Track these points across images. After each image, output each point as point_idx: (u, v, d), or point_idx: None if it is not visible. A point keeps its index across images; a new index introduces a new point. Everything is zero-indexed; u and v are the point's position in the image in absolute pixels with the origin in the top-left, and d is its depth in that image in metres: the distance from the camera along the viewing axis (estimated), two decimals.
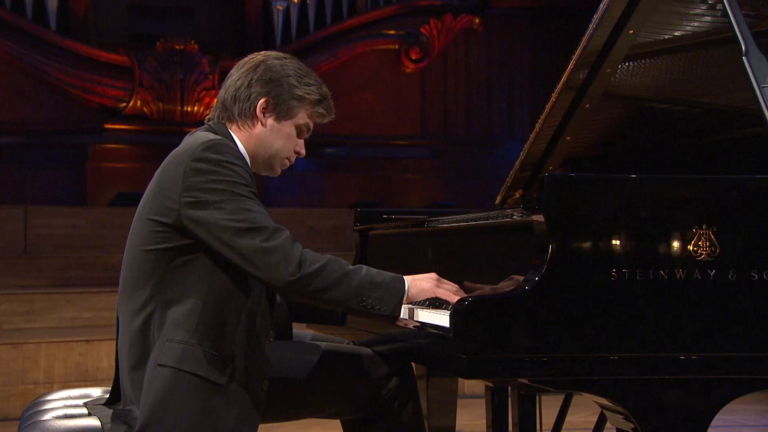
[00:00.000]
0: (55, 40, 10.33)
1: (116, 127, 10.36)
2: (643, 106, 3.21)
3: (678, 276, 2.00)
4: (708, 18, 2.82)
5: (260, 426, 2.28)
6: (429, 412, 3.04)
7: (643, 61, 3.09)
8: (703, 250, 2.01)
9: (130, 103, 10.37)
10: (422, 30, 11.24)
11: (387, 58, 11.29)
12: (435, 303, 2.35)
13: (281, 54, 2.38)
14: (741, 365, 2.01)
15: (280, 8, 11.01)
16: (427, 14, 11.29)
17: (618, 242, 2.00)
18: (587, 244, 1.99)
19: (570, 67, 2.95)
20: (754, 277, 2.02)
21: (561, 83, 3.01)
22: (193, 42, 10.37)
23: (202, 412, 2.13)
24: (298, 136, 2.36)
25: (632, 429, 2.02)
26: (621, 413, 2.03)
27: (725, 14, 2.37)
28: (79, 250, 7.97)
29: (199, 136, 2.27)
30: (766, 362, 2.02)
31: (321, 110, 2.36)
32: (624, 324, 1.98)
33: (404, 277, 2.22)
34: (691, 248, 2.00)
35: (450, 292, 2.23)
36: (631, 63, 3.08)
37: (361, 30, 11.14)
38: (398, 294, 2.18)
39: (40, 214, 8.36)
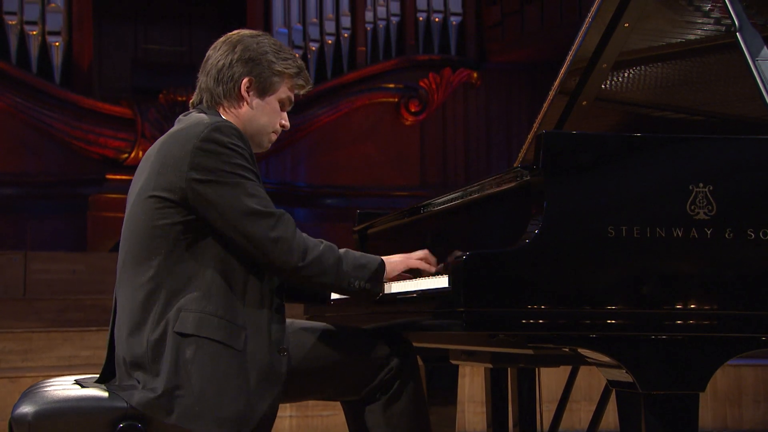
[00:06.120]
0: (58, 94, 10.41)
1: (118, 177, 10.38)
2: (642, 113, 3.24)
3: (675, 234, 2.01)
4: (705, 27, 2.87)
5: None
6: None
7: (640, 68, 3.12)
8: (699, 209, 2.02)
9: (132, 154, 10.42)
10: (421, 83, 11.36)
11: (386, 110, 11.40)
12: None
13: (254, 31, 2.46)
14: (738, 323, 2.02)
15: None
16: (426, 68, 11.42)
17: (615, 199, 2.01)
18: (584, 201, 2.00)
19: (565, 67, 2.99)
20: (751, 235, 2.03)
21: (557, 83, 3.05)
22: None
23: (224, 375, 2.15)
24: (282, 109, 2.44)
25: (629, 383, 2.01)
26: (618, 367, 2.01)
27: None
28: (77, 294, 7.91)
29: (198, 117, 2.31)
30: (762, 320, 2.02)
31: (300, 82, 2.45)
32: (621, 281, 1.99)
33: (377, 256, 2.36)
34: (688, 206, 2.02)
35: (420, 259, 2.40)
36: (628, 70, 3.12)
37: (361, 83, 11.26)
38: (381, 272, 2.32)
39: (39, 259, 8.34)
